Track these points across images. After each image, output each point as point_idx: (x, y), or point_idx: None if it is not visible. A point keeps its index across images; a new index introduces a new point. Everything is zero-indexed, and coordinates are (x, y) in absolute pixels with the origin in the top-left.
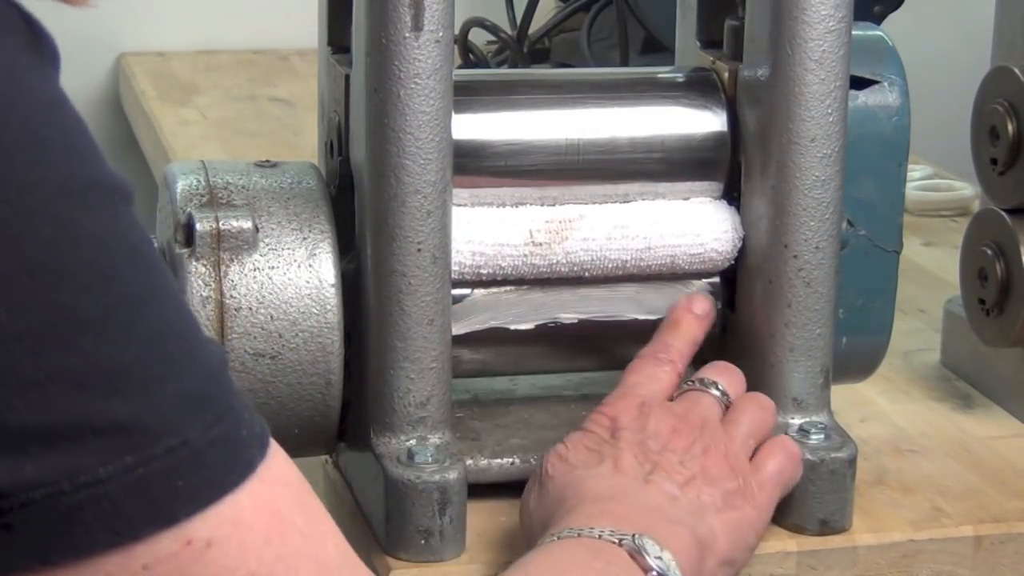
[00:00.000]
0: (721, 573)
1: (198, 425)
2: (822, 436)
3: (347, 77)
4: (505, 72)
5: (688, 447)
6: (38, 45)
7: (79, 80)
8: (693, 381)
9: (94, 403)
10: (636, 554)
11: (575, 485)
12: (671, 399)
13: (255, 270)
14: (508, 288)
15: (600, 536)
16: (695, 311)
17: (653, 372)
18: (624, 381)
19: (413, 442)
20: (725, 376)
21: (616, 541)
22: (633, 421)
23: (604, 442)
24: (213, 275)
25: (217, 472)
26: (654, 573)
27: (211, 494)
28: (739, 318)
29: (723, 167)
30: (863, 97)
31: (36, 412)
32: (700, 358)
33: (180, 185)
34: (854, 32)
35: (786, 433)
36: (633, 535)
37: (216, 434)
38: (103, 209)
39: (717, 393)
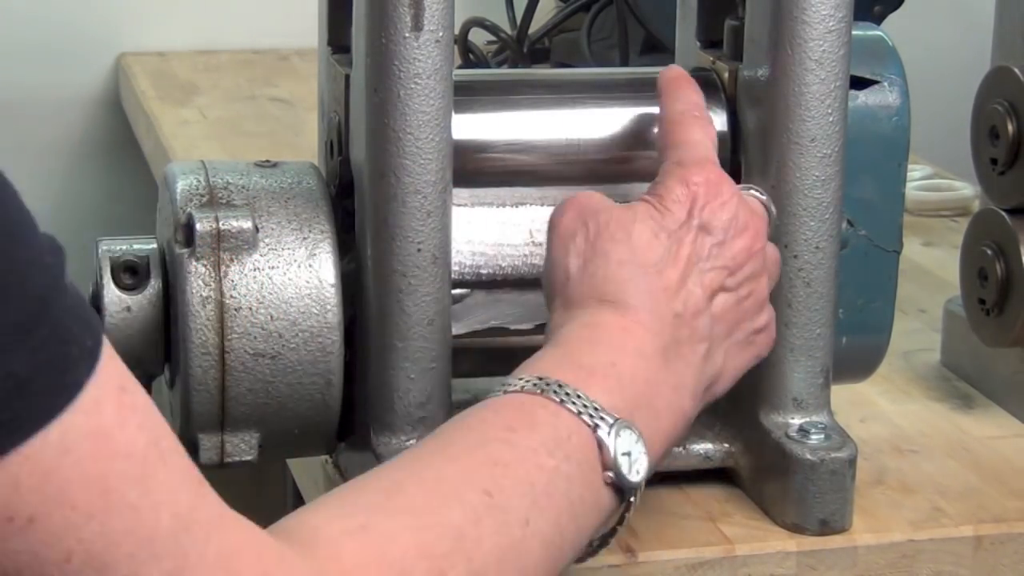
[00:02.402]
0: (698, 409)
1: (23, 354)
2: (822, 436)
3: (347, 77)
4: (505, 72)
5: (748, 258)
6: None
7: (79, 80)
8: (754, 189)
9: None
10: (603, 447)
11: (620, 279)
12: None
13: (255, 270)
14: (508, 288)
15: (579, 413)
16: (675, 73)
17: (706, 132)
18: (686, 141)
19: (413, 442)
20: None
21: (592, 425)
22: (718, 209)
23: (673, 234)
24: (213, 275)
25: (44, 398)
26: (610, 474)
27: (38, 421)
28: None
29: (723, 167)
30: (863, 97)
31: None
32: None
33: (180, 185)
34: (854, 32)
35: (786, 434)
36: (614, 422)
37: (42, 359)
38: None
39: (764, 199)
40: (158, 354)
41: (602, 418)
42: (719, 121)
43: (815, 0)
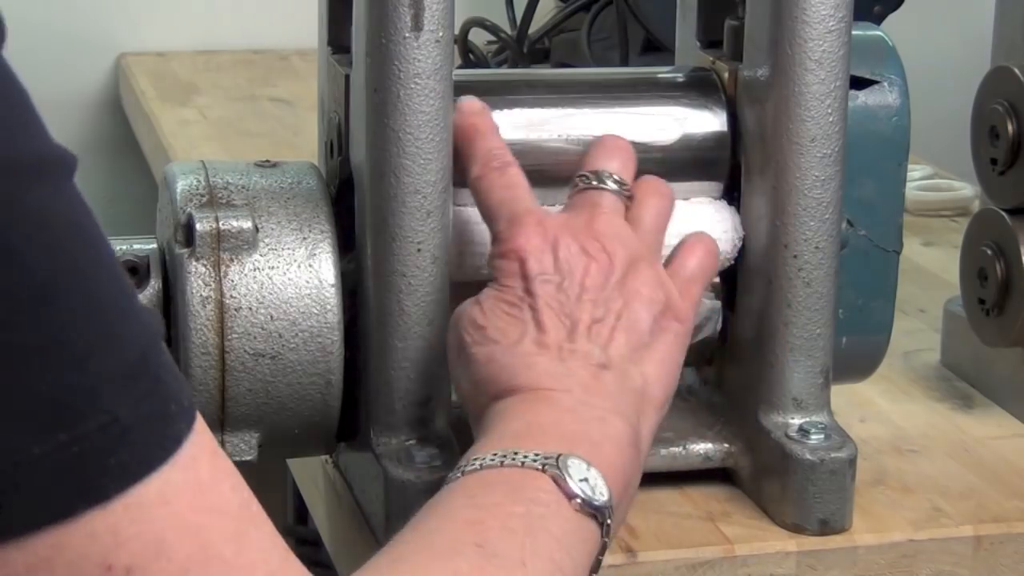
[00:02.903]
0: (663, 413)
1: (128, 401)
2: (822, 436)
3: (347, 77)
4: (505, 72)
5: (606, 276)
6: None
7: (79, 80)
8: (585, 175)
9: (30, 382)
10: (560, 480)
11: (497, 373)
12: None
13: (255, 270)
14: None
15: (523, 464)
16: (476, 110)
17: (507, 182)
18: (492, 204)
19: (413, 442)
20: (615, 160)
21: (540, 467)
22: (542, 257)
23: (520, 300)
24: (213, 275)
25: (147, 448)
26: (578, 500)
27: (141, 469)
28: (739, 318)
29: (723, 167)
30: (863, 97)
31: None
32: (700, 359)
33: (180, 185)
34: (854, 32)
35: (786, 434)
36: (557, 457)
37: (146, 410)
38: (45, 185)
39: (614, 186)
40: None
41: (545, 459)
42: (719, 121)
43: (815, 0)
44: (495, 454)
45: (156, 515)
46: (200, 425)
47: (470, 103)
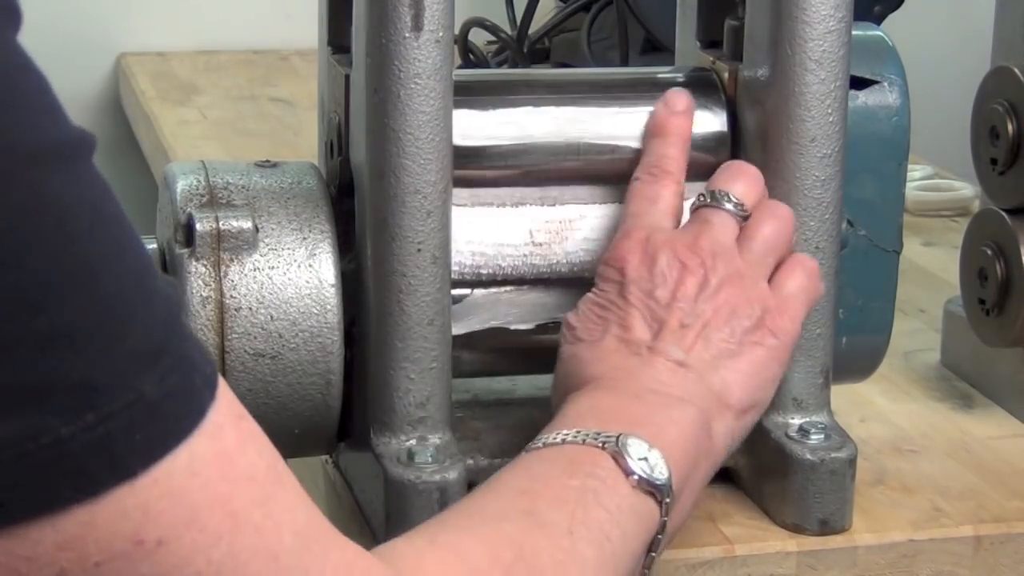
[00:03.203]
0: (745, 421)
1: (153, 378)
2: (822, 436)
3: (347, 77)
4: (505, 72)
5: (700, 288)
6: (3, 6)
7: (79, 80)
8: (704, 195)
9: (57, 364)
10: (619, 457)
11: (577, 367)
12: (678, 221)
13: (255, 270)
14: (508, 288)
15: (584, 441)
16: (677, 109)
17: (652, 193)
18: (625, 214)
19: (413, 442)
20: (740, 182)
21: (599, 445)
22: (640, 266)
23: (612, 303)
24: (213, 275)
25: (172, 422)
26: (635, 477)
27: (167, 444)
28: None
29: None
30: (863, 97)
31: (2, 375)
32: None
33: (180, 185)
34: (854, 32)
35: (786, 434)
36: (617, 436)
37: (170, 385)
38: (66, 170)
39: (731, 207)
40: None
41: (607, 437)
42: (719, 121)
43: (815, 0)
44: (557, 433)
45: (186, 487)
46: (223, 390)
47: (676, 97)
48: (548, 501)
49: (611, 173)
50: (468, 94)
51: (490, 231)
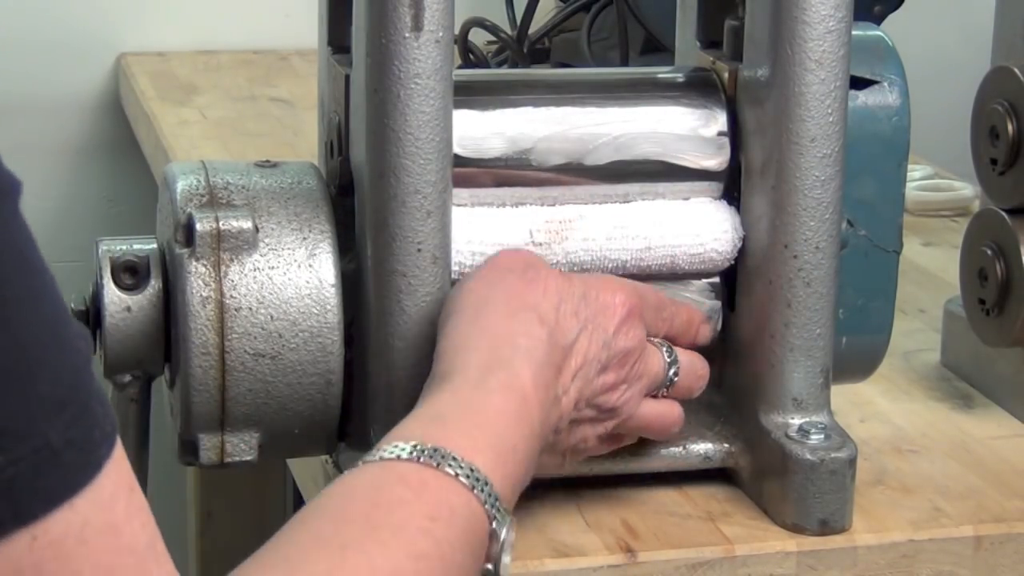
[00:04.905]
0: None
1: (59, 425)
2: (822, 436)
3: (347, 77)
4: (505, 72)
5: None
6: None
7: (79, 80)
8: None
9: None
10: (493, 537)
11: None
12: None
13: (255, 270)
14: None
15: (484, 503)
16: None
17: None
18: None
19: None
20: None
21: (490, 518)
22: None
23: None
24: (213, 275)
25: (71, 472)
26: (489, 567)
27: (65, 493)
28: (739, 318)
29: (722, 168)
30: (863, 97)
31: None
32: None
33: (180, 185)
34: (854, 32)
35: (786, 434)
36: (505, 520)
37: (73, 434)
38: None
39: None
40: (158, 354)
41: (498, 511)
42: (719, 121)
43: (815, 0)
44: (462, 466)
45: (75, 553)
46: (119, 453)
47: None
48: (364, 525)
49: (611, 173)
50: (468, 94)
51: (490, 231)
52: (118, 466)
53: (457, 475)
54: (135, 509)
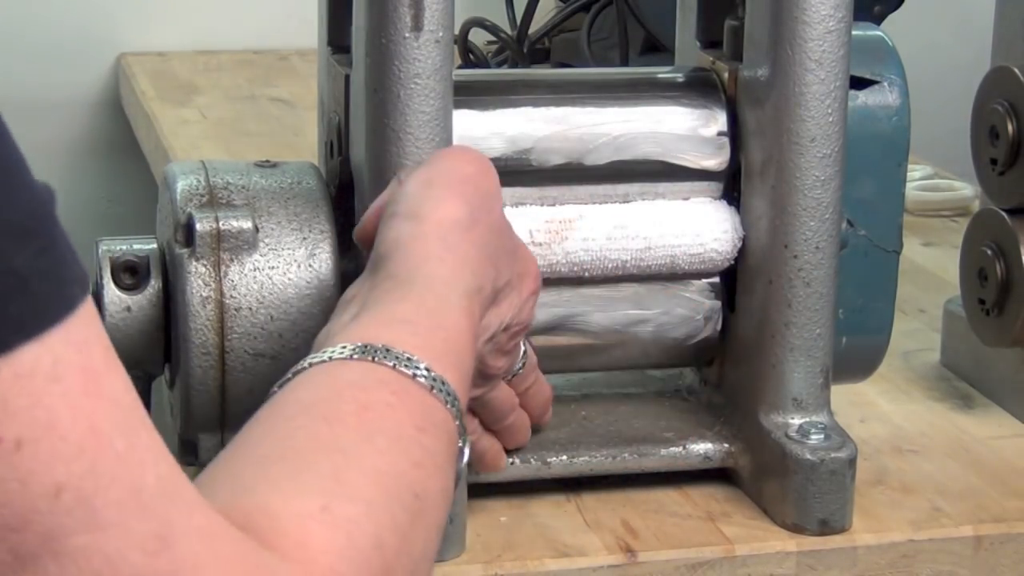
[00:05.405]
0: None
1: (24, 253)
2: (822, 436)
3: (347, 77)
4: (505, 72)
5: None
6: None
7: (79, 80)
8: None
9: None
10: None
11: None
12: None
13: (255, 270)
14: None
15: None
16: None
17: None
18: None
19: None
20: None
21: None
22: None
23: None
24: (213, 275)
25: (43, 302)
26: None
27: (36, 324)
28: (739, 318)
29: (723, 168)
30: (863, 97)
31: None
32: (700, 359)
33: (180, 185)
34: (854, 32)
35: (786, 434)
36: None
37: (41, 265)
38: None
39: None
40: (158, 354)
41: (462, 428)
42: (719, 121)
43: (815, 0)
44: (434, 378)
45: (47, 391)
46: (92, 312)
47: None
48: (434, 490)
49: (611, 173)
50: (468, 94)
51: None
52: (94, 319)
53: (432, 388)
54: (115, 367)
